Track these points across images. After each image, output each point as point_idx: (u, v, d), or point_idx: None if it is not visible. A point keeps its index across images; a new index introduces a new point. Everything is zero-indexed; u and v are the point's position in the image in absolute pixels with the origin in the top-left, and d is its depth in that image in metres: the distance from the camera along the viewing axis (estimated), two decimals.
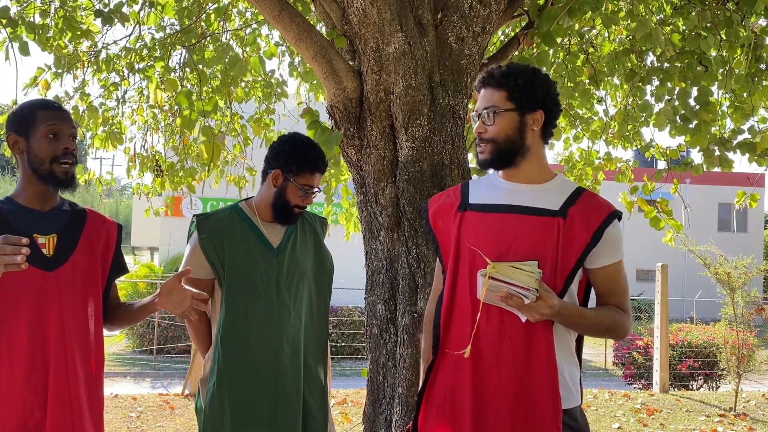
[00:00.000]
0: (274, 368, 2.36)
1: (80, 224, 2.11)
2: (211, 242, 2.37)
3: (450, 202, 2.09)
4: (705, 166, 4.69)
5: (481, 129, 1.97)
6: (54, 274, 2.00)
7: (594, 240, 1.90)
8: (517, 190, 1.99)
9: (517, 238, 1.91)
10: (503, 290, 1.78)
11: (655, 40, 3.76)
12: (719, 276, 7.56)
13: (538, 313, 1.80)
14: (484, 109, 1.96)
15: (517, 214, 1.94)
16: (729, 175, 22.11)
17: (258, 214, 2.45)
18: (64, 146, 2.01)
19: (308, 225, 2.55)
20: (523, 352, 1.88)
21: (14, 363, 1.95)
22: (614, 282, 1.97)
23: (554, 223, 1.90)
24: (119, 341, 15.34)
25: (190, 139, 5.55)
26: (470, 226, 1.99)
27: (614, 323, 1.95)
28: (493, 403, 1.89)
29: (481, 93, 1.99)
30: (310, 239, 2.52)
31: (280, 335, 2.36)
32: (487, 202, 2.01)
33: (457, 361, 1.96)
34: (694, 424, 6.59)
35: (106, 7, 4.80)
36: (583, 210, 1.92)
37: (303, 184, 2.40)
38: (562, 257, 1.88)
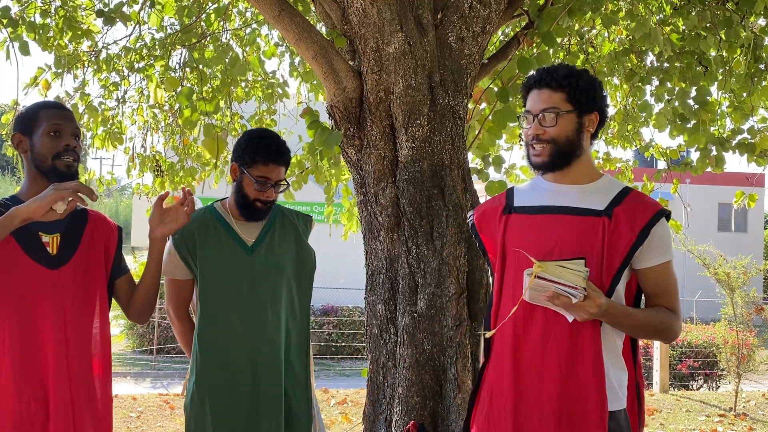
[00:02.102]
0: (252, 367, 2.35)
1: (82, 224, 2.13)
2: (184, 243, 2.38)
3: (495, 207, 2.09)
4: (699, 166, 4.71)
5: (539, 130, 1.93)
6: (58, 272, 2.02)
7: (640, 239, 1.89)
8: (561, 191, 1.99)
9: (561, 239, 1.91)
10: (550, 290, 1.77)
11: (654, 40, 3.77)
12: (718, 276, 7.57)
13: (586, 312, 1.79)
14: (543, 110, 1.93)
15: (562, 214, 1.94)
16: (729, 175, 22.08)
17: (231, 212, 2.45)
18: (66, 143, 2.04)
19: (288, 222, 2.52)
20: (568, 352, 1.87)
21: (16, 359, 1.96)
22: (663, 283, 1.96)
23: (599, 223, 1.90)
24: (119, 341, 15.33)
25: (190, 139, 5.56)
26: (515, 228, 2.00)
27: (663, 324, 1.94)
28: (536, 404, 1.89)
29: (533, 93, 1.95)
30: (290, 236, 2.49)
31: (256, 333, 2.36)
32: (531, 204, 2.01)
33: (499, 362, 1.96)
34: (694, 424, 6.59)
35: (107, 7, 4.81)
36: (629, 209, 1.92)
37: (257, 176, 2.36)
38: (608, 257, 1.88)
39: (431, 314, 3.01)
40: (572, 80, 1.93)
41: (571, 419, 1.86)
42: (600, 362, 1.87)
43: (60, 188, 1.85)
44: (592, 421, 1.85)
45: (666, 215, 1.94)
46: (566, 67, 1.96)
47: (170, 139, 5.81)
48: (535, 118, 1.93)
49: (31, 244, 2.01)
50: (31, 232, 2.01)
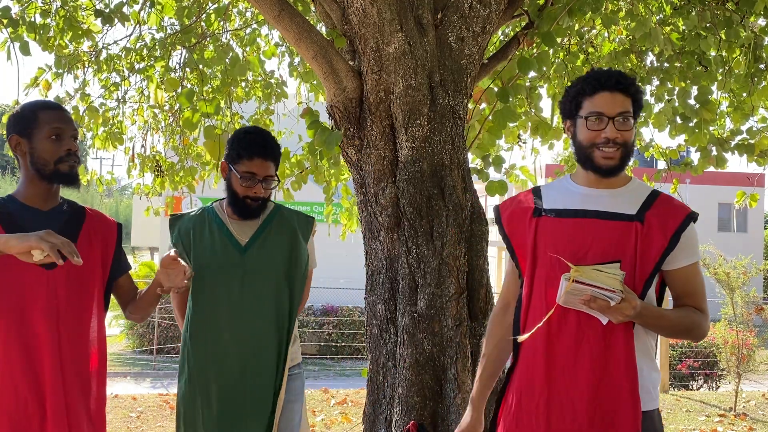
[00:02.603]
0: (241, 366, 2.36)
1: (79, 223, 2.12)
2: (180, 241, 2.42)
3: (524, 208, 2.08)
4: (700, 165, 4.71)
5: (616, 134, 1.91)
6: (53, 273, 2.01)
7: (672, 244, 1.92)
8: (592, 194, 1.99)
9: (594, 243, 1.91)
10: (587, 293, 1.78)
11: (654, 39, 3.77)
12: (718, 276, 7.56)
13: (622, 314, 1.80)
14: (621, 114, 1.92)
15: (594, 219, 1.95)
16: (729, 175, 22.10)
17: (227, 212, 2.46)
18: (67, 147, 2.04)
19: (286, 222, 2.51)
20: (601, 354, 1.89)
21: (11, 358, 1.96)
22: (691, 283, 1.99)
23: (632, 228, 1.91)
24: (119, 341, 15.33)
25: (190, 139, 5.56)
26: (547, 231, 1.99)
27: (693, 324, 1.96)
28: (569, 405, 1.90)
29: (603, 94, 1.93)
30: (285, 239, 2.47)
31: (246, 333, 2.37)
32: (562, 207, 2.01)
33: (530, 364, 1.97)
34: (694, 424, 6.59)
35: (107, 7, 4.81)
36: (660, 214, 1.94)
37: (243, 171, 2.36)
38: (641, 262, 1.90)
39: (431, 314, 3.01)
40: (637, 89, 1.97)
41: (603, 420, 1.88)
42: (633, 363, 1.89)
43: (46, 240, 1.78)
44: (625, 422, 1.87)
45: (694, 218, 1.98)
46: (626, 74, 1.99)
47: (170, 139, 5.81)
48: (611, 121, 1.92)
49: None
50: (26, 232, 2.00)
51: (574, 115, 1.99)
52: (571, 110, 2.00)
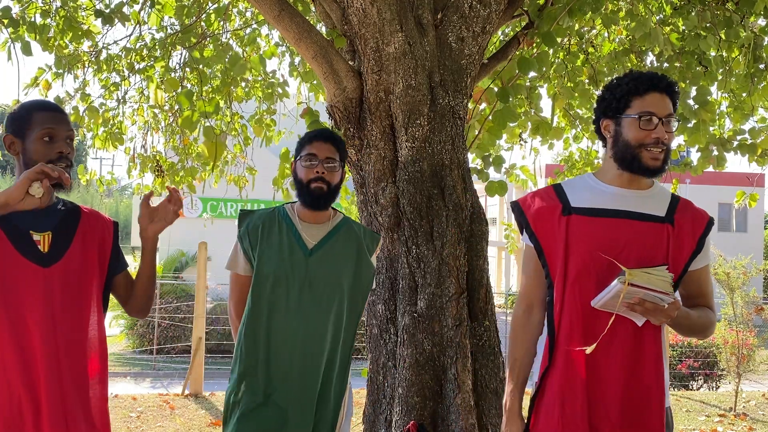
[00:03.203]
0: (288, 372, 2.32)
1: (75, 222, 2.12)
2: (248, 236, 2.41)
3: (550, 205, 2.04)
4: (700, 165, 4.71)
5: (664, 135, 1.92)
6: (49, 270, 2.01)
7: (699, 247, 1.98)
8: (624, 195, 1.99)
9: (629, 244, 1.92)
10: (637, 296, 1.79)
11: (654, 39, 3.77)
12: (718, 276, 7.57)
13: (667, 316, 1.83)
14: (670, 116, 1.93)
15: (628, 219, 1.95)
16: (729, 175, 22.09)
17: (298, 214, 2.45)
18: (59, 150, 2.02)
19: (353, 235, 2.48)
20: (631, 354, 1.91)
21: (6, 358, 1.96)
22: (705, 284, 2.05)
23: (664, 230, 1.94)
24: (119, 341, 15.33)
25: (190, 139, 5.56)
26: (579, 230, 1.97)
27: (710, 323, 2.03)
28: (604, 405, 1.92)
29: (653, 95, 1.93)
30: (352, 249, 2.45)
31: (299, 339, 2.33)
32: (593, 206, 1.99)
33: (568, 367, 1.95)
34: (694, 424, 6.59)
35: (107, 8, 4.81)
36: (687, 217, 1.99)
37: (305, 155, 2.39)
38: (673, 263, 1.92)
39: (431, 314, 3.01)
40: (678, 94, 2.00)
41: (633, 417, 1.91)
42: (660, 362, 1.93)
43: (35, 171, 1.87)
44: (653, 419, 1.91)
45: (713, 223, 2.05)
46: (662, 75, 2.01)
47: (170, 139, 5.81)
48: (660, 122, 1.92)
49: (23, 241, 2.00)
50: (22, 230, 2.00)
51: (620, 113, 1.97)
52: (618, 108, 1.98)
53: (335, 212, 2.51)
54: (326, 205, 2.42)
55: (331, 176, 2.39)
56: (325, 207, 2.42)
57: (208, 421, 6.22)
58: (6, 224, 1.99)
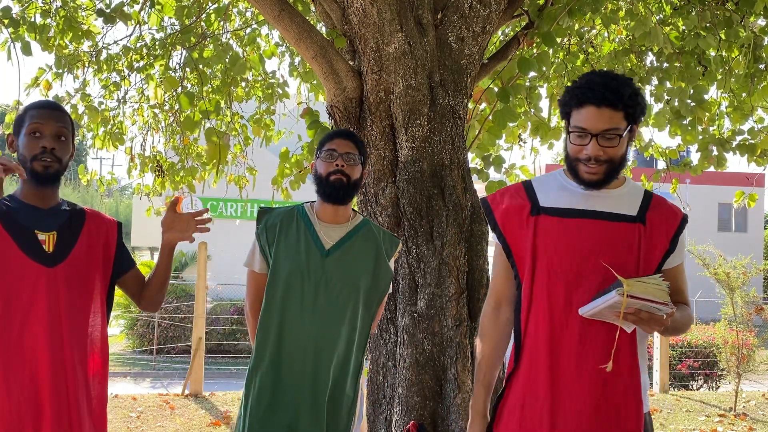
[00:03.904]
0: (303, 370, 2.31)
1: (79, 223, 2.13)
2: (265, 233, 2.40)
3: (519, 204, 1.99)
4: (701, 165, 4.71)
5: (598, 151, 1.83)
6: (53, 270, 2.02)
7: (672, 246, 1.92)
8: (593, 194, 1.93)
9: (598, 245, 1.87)
10: (635, 306, 1.72)
11: (654, 38, 3.77)
12: (718, 276, 7.56)
13: (661, 325, 1.77)
14: (605, 131, 1.82)
15: (598, 219, 1.90)
16: (729, 175, 22.10)
17: (317, 213, 2.43)
18: (42, 145, 2.03)
19: (372, 237, 2.45)
20: (605, 359, 1.84)
21: (9, 357, 1.96)
22: (680, 281, 2.00)
23: (635, 230, 1.89)
24: (119, 341, 15.34)
25: (190, 139, 5.56)
26: (548, 231, 1.92)
27: (690, 320, 1.98)
28: (574, 410, 1.86)
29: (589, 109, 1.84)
30: (370, 251, 2.42)
31: (312, 337, 2.31)
32: (563, 206, 1.94)
33: (531, 371, 1.92)
34: (694, 424, 6.59)
35: (108, 8, 4.81)
36: (659, 216, 1.93)
37: (325, 150, 2.38)
38: (644, 263, 1.87)
39: (431, 314, 3.01)
40: (636, 99, 1.86)
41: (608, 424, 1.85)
42: (636, 367, 1.86)
43: None
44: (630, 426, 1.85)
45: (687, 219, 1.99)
46: (627, 84, 1.85)
47: (170, 139, 5.81)
48: (594, 138, 1.83)
49: (27, 241, 2.01)
50: (27, 229, 2.02)
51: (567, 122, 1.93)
52: (564, 116, 1.94)
53: (355, 214, 2.49)
54: (345, 198, 2.38)
55: (350, 170, 2.36)
56: (343, 201, 2.39)
57: (208, 421, 6.22)
58: (10, 224, 2.01)
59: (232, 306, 14.96)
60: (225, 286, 15.47)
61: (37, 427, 1.97)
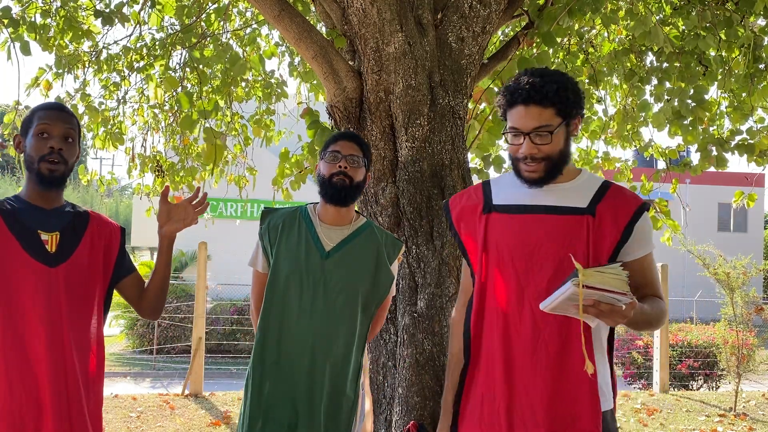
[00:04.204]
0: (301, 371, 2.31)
1: (83, 225, 2.14)
2: (268, 234, 2.41)
3: (473, 204, 2.02)
4: (701, 166, 4.71)
5: (532, 149, 1.85)
6: (55, 270, 2.03)
7: (624, 237, 1.87)
8: (543, 189, 1.93)
9: (545, 239, 1.87)
10: (593, 298, 1.64)
11: (654, 37, 3.77)
12: (718, 276, 7.56)
13: (623, 317, 1.68)
14: (536, 129, 1.84)
15: (544, 214, 1.90)
16: (729, 175, 22.12)
17: (319, 215, 2.43)
18: (50, 145, 2.03)
19: (374, 240, 2.44)
20: (559, 354, 1.83)
21: (8, 357, 1.96)
22: (648, 273, 1.94)
23: (583, 222, 1.86)
24: (119, 341, 15.34)
25: (190, 139, 5.56)
26: (497, 228, 1.94)
27: (662, 313, 1.93)
28: (529, 407, 1.85)
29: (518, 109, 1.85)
30: (370, 254, 2.42)
31: (310, 338, 2.31)
32: (511, 202, 1.95)
33: (488, 367, 1.93)
34: (694, 424, 6.59)
35: (107, 8, 4.82)
36: (611, 206, 1.88)
37: (329, 152, 2.39)
38: (594, 256, 1.85)
39: (431, 314, 3.01)
40: (562, 94, 1.85)
41: (564, 421, 1.83)
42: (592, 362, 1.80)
43: None
44: (585, 423, 1.82)
45: (647, 208, 1.92)
46: (553, 80, 1.86)
47: (170, 139, 5.82)
48: (526, 137, 1.85)
49: (30, 241, 2.02)
50: (30, 229, 2.03)
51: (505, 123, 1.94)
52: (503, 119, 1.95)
53: (358, 216, 2.48)
54: (347, 200, 2.38)
55: (354, 171, 2.36)
56: (345, 202, 2.38)
57: (208, 421, 6.22)
58: (14, 223, 2.02)
59: (232, 306, 14.97)
60: (225, 286, 15.48)
61: (39, 427, 1.97)
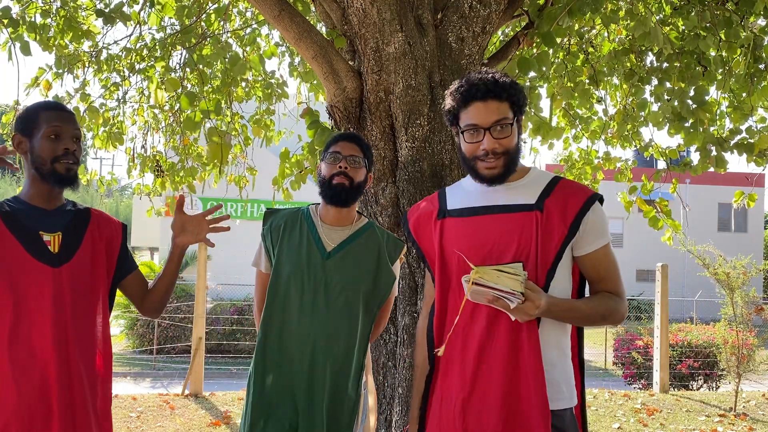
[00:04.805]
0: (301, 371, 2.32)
1: (84, 223, 2.14)
2: (269, 235, 2.43)
3: (429, 211, 2.06)
4: (701, 166, 4.71)
5: (494, 144, 1.86)
6: (59, 270, 2.03)
7: (572, 230, 1.86)
8: (491, 190, 1.96)
9: (497, 239, 1.88)
10: (488, 295, 1.76)
11: (654, 38, 3.77)
12: (718, 276, 7.56)
13: (526, 314, 1.78)
14: (496, 122, 1.86)
15: (494, 214, 1.92)
16: (729, 175, 22.12)
17: (320, 215, 2.44)
18: (65, 147, 2.04)
19: (375, 240, 2.45)
20: (509, 352, 1.84)
21: (16, 359, 1.96)
22: (602, 267, 1.93)
23: (532, 218, 1.87)
24: (119, 341, 15.34)
25: (190, 139, 5.56)
26: (451, 232, 1.97)
27: (608, 310, 1.90)
28: (483, 405, 1.86)
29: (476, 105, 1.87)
30: (371, 254, 2.42)
31: (311, 339, 2.32)
32: (463, 206, 1.99)
33: (446, 368, 1.95)
34: (694, 424, 6.59)
35: (107, 7, 4.82)
36: (559, 200, 1.88)
37: (330, 152, 2.40)
38: (542, 251, 1.85)
39: None
40: (515, 88, 1.89)
41: (515, 419, 1.84)
42: (538, 360, 1.83)
43: None
44: (535, 421, 1.82)
45: (598, 199, 1.91)
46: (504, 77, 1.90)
47: (170, 139, 5.82)
48: (486, 132, 1.86)
49: (32, 242, 2.02)
50: (31, 230, 2.02)
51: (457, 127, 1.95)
52: (453, 122, 1.97)
53: (360, 216, 2.49)
54: (347, 201, 2.39)
55: (354, 172, 2.37)
56: (346, 203, 2.39)
57: (208, 421, 6.23)
58: (15, 225, 2.01)
59: (232, 306, 14.97)
60: (225, 286, 15.48)
61: (47, 426, 1.97)
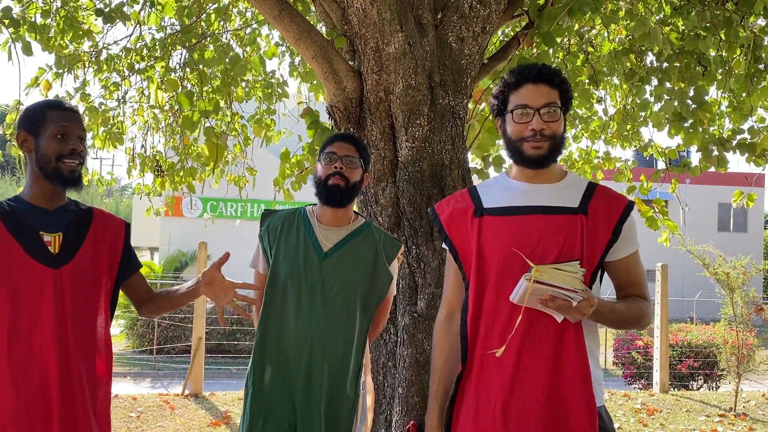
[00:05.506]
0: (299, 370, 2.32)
1: (86, 223, 2.12)
2: (267, 236, 2.43)
3: (462, 207, 2.02)
4: (702, 166, 4.71)
5: (542, 125, 1.89)
6: (59, 272, 2.02)
7: (615, 235, 1.90)
8: (534, 190, 1.95)
9: (541, 239, 1.88)
10: (547, 293, 1.74)
11: (653, 38, 3.77)
12: (718, 276, 7.56)
13: (581, 313, 1.77)
14: (546, 105, 1.90)
15: (538, 214, 1.91)
16: (729, 175, 22.13)
17: (317, 216, 2.45)
18: (71, 147, 2.04)
19: (372, 240, 2.45)
20: (552, 353, 1.85)
21: (14, 360, 1.96)
22: (634, 272, 1.97)
23: (577, 221, 1.88)
24: (119, 341, 15.34)
25: (190, 139, 5.56)
26: (490, 231, 1.94)
27: (641, 313, 1.94)
28: (525, 409, 1.85)
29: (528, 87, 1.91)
30: (368, 254, 2.42)
31: (309, 339, 2.32)
32: (504, 205, 1.96)
33: (483, 370, 1.92)
34: (694, 424, 6.59)
35: (107, 7, 4.82)
36: (601, 205, 1.92)
37: (326, 153, 2.40)
38: (587, 254, 1.87)
39: (431, 314, 3.01)
40: (564, 80, 1.95)
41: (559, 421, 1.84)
42: (585, 361, 1.84)
43: None
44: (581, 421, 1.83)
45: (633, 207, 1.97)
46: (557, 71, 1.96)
47: (170, 139, 5.82)
48: (536, 113, 1.90)
49: (32, 243, 2.01)
50: (31, 231, 2.01)
51: (503, 111, 1.97)
52: (500, 107, 1.98)
53: (357, 216, 2.49)
54: (343, 201, 2.39)
55: (350, 172, 2.37)
56: (342, 204, 2.39)
57: (208, 421, 6.23)
58: (14, 225, 2.00)
59: None
60: None
61: (46, 427, 1.97)
